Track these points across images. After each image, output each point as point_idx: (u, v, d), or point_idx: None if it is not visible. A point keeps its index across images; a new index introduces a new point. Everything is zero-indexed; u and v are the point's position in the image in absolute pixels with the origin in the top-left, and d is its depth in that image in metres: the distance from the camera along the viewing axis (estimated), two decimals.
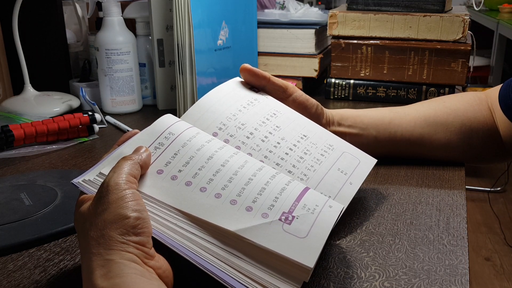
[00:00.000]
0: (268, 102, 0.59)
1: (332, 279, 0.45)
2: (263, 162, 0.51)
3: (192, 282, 0.45)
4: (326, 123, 0.66)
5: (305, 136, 0.56)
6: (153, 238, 0.40)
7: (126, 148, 0.46)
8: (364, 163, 0.56)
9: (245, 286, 0.38)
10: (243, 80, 0.62)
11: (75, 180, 0.44)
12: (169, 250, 0.41)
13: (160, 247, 0.40)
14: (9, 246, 0.50)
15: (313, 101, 0.65)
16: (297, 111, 0.62)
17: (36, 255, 0.50)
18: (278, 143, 0.53)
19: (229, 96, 0.57)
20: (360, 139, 0.68)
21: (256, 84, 0.61)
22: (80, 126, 0.83)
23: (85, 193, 0.43)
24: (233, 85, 0.60)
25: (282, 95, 0.62)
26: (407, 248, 0.49)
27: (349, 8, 1.04)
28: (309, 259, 0.39)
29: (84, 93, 0.95)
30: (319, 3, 3.04)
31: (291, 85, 0.63)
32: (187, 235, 0.41)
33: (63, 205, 0.58)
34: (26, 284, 0.45)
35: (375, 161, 0.58)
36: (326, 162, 0.54)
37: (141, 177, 0.44)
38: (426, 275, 0.45)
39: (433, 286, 0.44)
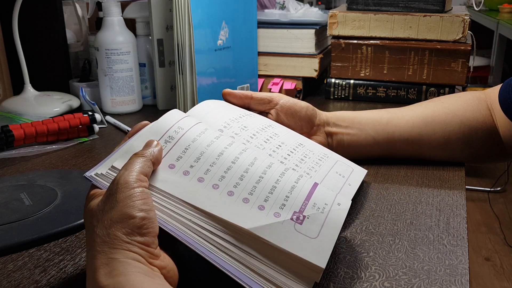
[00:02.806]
0: (262, 117, 0.61)
1: (332, 279, 0.45)
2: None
3: (196, 281, 0.45)
4: (320, 124, 0.66)
5: (302, 144, 0.58)
6: (161, 236, 0.40)
7: (136, 141, 0.46)
8: (357, 171, 0.59)
9: (259, 285, 0.39)
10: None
11: (87, 174, 0.44)
12: (174, 249, 0.41)
13: (166, 247, 0.40)
14: (9, 246, 0.50)
15: (302, 103, 0.65)
16: (287, 116, 0.63)
17: (36, 255, 0.50)
18: (280, 145, 0.55)
19: (227, 106, 0.59)
20: (358, 140, 0.68)
21: (241, 105, 0.63)
22: (80, 126, 0.83)
23: (97, 187, 0.43)
24: (223, 102, 0.62)
25: (269, 106, 0.63)
26: (407, 248, 0.50)
27: (349, 8, 1.04)
28: (321, 260, 0.40)
29: (84, 93, 0.95)
30: (319, 3, 3.04)
31: (275, 94, 0.64)
32: (202, 232, 0.41)
33: (63, 205, 0.58)
34: (26, 284, 0.45)
35: (365, 171, 0.61)
36: (324, 165, 0.56)
37: (153, 171, 0.44)
38: (426, 275, 0.45)
39: (433, 286, 0.44)
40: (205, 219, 0.41)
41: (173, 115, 0.49)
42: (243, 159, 0.46)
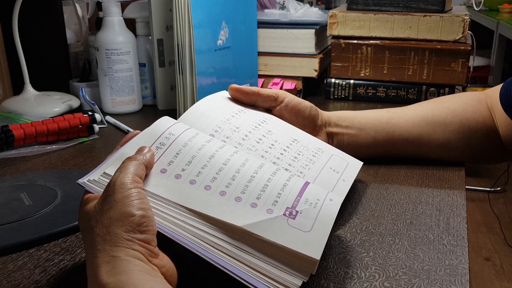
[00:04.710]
0: (256, 111, 0.61)
1: (332, 279, 0.45)
2: None
3: (195, 281, 0.45)
4: (322, 124, 0.66)
5: (296, 140, 0.58)
6: (159, 236, 0.40)
7: (128, 149, 0.47)
8: (352, 165, 0.59)
9: (255, 279, 0.39)
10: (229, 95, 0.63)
11: (80, 180, 0.45)
12: (173, 249, 0.41)
13: (165, 246, 0.40)
14: (9, 246, 0.50)
15: (306, 103, 0.65)
16: (290, 115, 0.63)
17: (36, 255, 0.50)
18: (272, 144, 0.55)
19: (221, 104, 0.60)
20: (358, 139, 0.68)
21: (247, 101, 0.62)
22: (80, 126, 0.83)
23: (90, 193, 0.44)
24: (221, 96, 0.62)
25: (274, 104, 0.63)
26: (407, 248, 0.50)
27: (349, 8, 1.04)
28: (316, 252, 0.40)
29: (84, 93, 0.95)
30: (319, 3, 3.04)
31: (281, 91, 0.64)
32: (196, 232, 0.41)
33: (63, 205, 0.58)
34: (26, 284, 0.45)
35: (361, 163, 0.60)
36: (318, 162, 0.56)
37: (145, 176, 0.44)
38: (426, 275, 0.45)
39: (433, 286, 0.44)
40: (198, 220, 0.42)
41: (164, 122, 0.50)
42: (235, 160, 0.47)
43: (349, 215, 0.56)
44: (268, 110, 0.64)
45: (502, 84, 0.69)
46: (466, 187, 1.02)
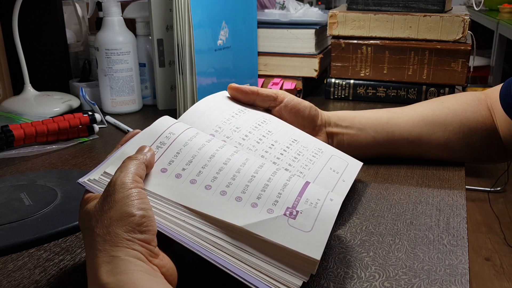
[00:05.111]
0: (257, 111, 0.61)
1: (332, 279, 0.45)
2: None
3: (195, 281, 0.45)
4: (321, 124, 0.66)
5: (296, 141, 0.58)
6: (160, 236, 0.40)
7: (128, 148, 0.47)
8: (352, 165, 0.59)
9: (255, 279, 0.39)
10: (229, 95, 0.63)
11: (80, 180, 0.45)
12: (173, 249, 0.41)
13: (165, 246, 0.40)
14: (9, 246, 0.50)
15: (306, 103, 0.65)
16: (290, 115, 0.63)
17: (36, 255, 0.50)
18: (272, 145, 0.55)
19: (221, 104, 0.60)
20: (358, 139, 0.68)
21: (246, 100, 0.62)
22: (80, 126, 0.83)
23: (90, 192, 0.44)
24: (221, 96, 0.62)
25: (274, 103, 0.63)
26: (407, 248, 0.50)
27: (349, 8, 1.04)
28: (316, 252, 0.40)
29: (84, 93, 0.95)
30: (319, 3, 3.04)
31: (280, 91, 0.64)
32: (196, 231, 0.41)
33: (63, 205, 0.58)
34: (26, 284, 0.45)
35: (361, 164, 0.61)
36: (318, 162, 0.56)
37: (146, 176, 0.44)
38: (426, 275, 0.45)
39: (433, 286, 0.44)
40: (199, 219, 0.42)
41: (164, 121, 0.50)
42: (235, 160, 0.47)
43: (349, 215, 0.56)
44: (268, 110, 0.64)
45: (502, 84, 0.69)
46: (466, 187, 1.02)
